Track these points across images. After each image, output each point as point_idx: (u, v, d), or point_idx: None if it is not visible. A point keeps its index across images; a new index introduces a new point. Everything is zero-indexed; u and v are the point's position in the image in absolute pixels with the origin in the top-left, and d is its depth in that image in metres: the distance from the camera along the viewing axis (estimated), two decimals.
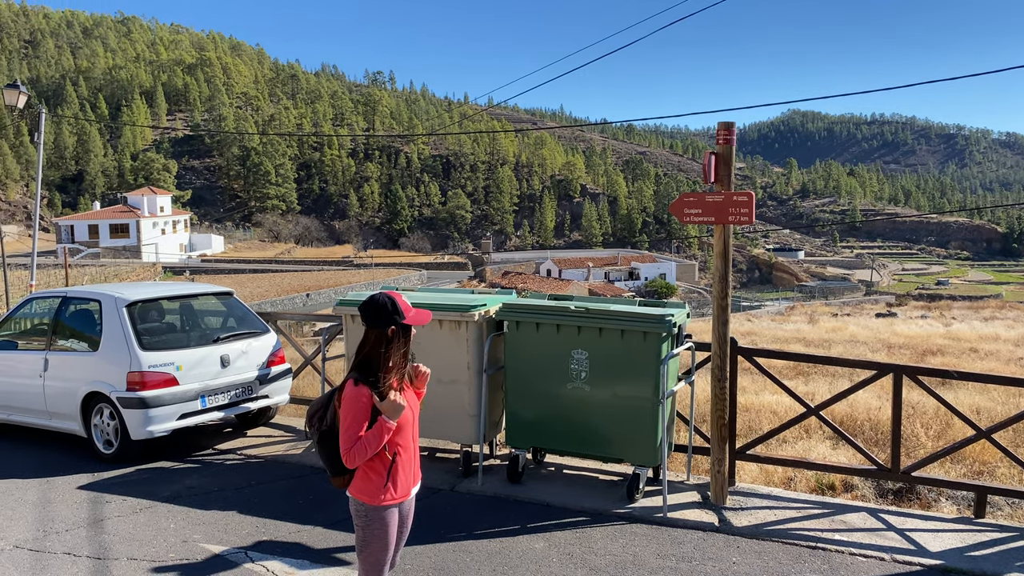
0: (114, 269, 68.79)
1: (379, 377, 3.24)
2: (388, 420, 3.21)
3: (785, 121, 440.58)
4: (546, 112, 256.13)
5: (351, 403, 3.20)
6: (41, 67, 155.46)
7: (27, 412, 8.15)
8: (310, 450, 7.65)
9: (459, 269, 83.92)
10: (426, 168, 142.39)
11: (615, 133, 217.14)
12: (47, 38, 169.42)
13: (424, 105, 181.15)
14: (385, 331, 3.26)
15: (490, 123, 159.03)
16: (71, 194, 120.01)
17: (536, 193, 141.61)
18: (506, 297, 6.94)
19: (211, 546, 5.25)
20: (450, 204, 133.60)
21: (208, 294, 8.71)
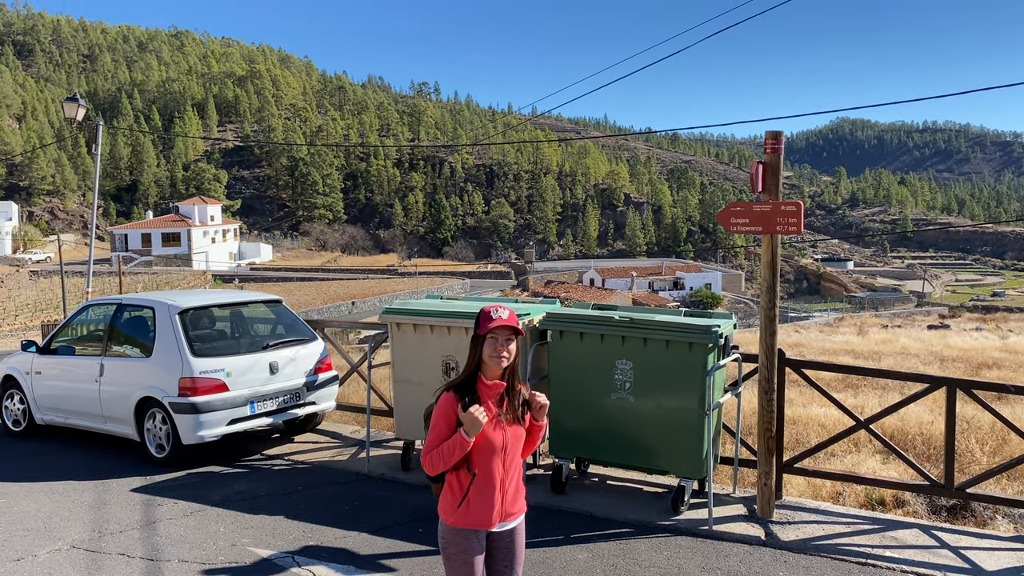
0: (166, 277, 70.44)
1: (460, 382, 3.23)
2: (464, 434, 3.13)
3: (834, 129, 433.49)
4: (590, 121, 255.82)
5: (439, 408, 3.21)
6: (98, 80, 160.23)
7: (83, 416, 8.38)
8: (355, 456, 7.74)
9: (502, 278, 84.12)
10: (470, 178, 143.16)
11: (660, 142, 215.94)
12: (104, 52, 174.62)
13: (468, 115, 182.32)
14: (474, 340, 3.26)
15: (533, 133, 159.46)
16: (125, 204, 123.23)
17: (579, 202, 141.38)
18: (550, 306, 6.94)
19: (259, 550, 5.34)
20: (493, 213, 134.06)
21: (258, 302, 8.88)
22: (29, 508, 6.34)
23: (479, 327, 3.21)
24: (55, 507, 6.36)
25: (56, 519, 6.06)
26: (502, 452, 3.25)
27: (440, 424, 3.18)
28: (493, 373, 3.23)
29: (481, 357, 3.22)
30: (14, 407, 9.13)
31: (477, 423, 3.09)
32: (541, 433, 3.39)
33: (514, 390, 3.29)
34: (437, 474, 3.24)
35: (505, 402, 3.27)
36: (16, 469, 7.59)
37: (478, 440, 3.18)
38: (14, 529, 5.85)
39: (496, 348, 3.19)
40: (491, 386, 3.23)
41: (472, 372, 3.25)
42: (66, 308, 38.87)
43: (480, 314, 3.23)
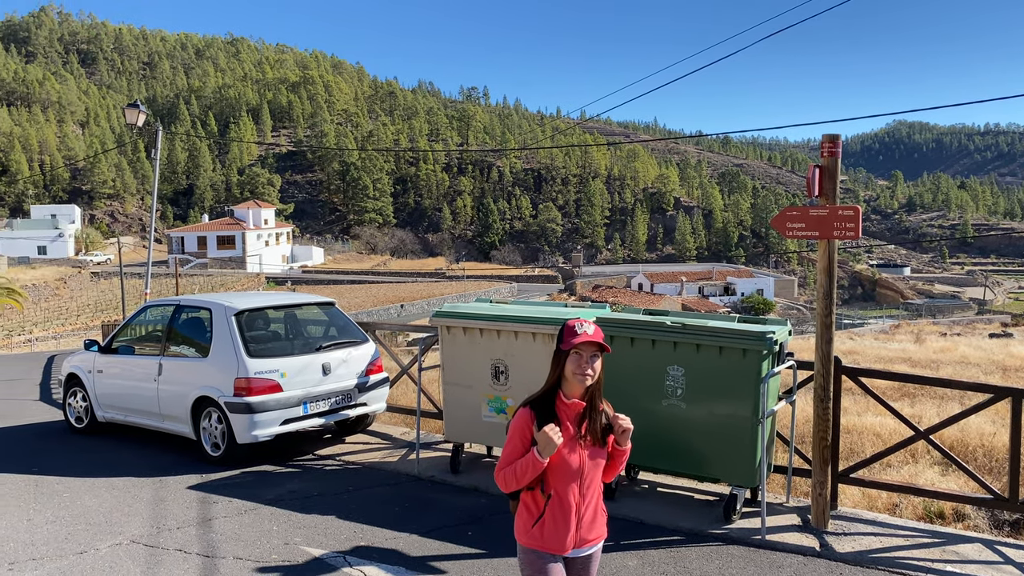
0: (220, 279, 72.00)
1: (538, 398, 3.08)
2: (537, 454, 2.95)
3: (890, 132, 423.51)
4: (639, 125, 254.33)
5: (514, 423, 3.07)
6: (157, 87, 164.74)
7: (142, 414, 8.61)
8: (405, 458, 7.80)
9: (549, 282, 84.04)
10: (518, 182, 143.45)
11: (710, 145, 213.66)
12: (163, 60, 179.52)
13: (517, 120, 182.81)
14: (556, 355, 3.08)
15: (582, 136, 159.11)
16: (182, 207, 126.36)
17: (628, 206, 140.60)
18: (600, 311, 6.91)
19: (311, 549, 5.41)
20: (541, 217, 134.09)
21: (311, 304, 9.02)
22: (91, 503, 6.53)
23: (562, 341, 3.03)
24: (115, 502, 6.54)
25: (117, 514, 6.23)
26: (579, 476, 3.06)
27: (515, 440, 3.05)
28: (574, 391, 3.05)
29: (563, 373, 3.05)
30: (77, 404, 9.42)
31: (551, 444, 2.92)
32: (624, 458, 3.19)
33: (596, 411, 3.10)
34: (511, 492, 3.11)
35: (585, 423, 3.08)
36: (79, 464, 7.82)
37: (553, 461, 3.01)
38: (77, 523, 6.03)
39: (580, 365, 3.01)
40: (571, 405, 3.06)
41: (551, 388, 3.08)
42: (125, 308, 39.98)
43: (563, 328, 3.06)
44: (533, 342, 6.56)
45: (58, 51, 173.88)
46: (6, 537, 5.72)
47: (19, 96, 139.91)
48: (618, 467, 3.21)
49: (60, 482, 7.17)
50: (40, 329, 48.85)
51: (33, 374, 16.73)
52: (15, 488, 7.01)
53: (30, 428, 9.99)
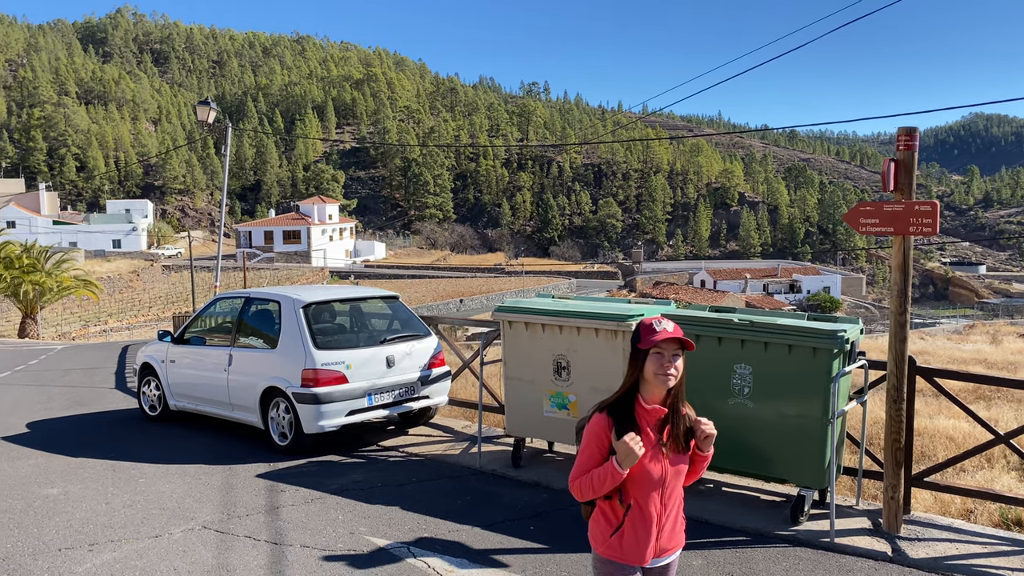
0: (286, 272, 73.60)
1: (615, 402, 2.87)
2: (616, 464, 2.75)
3: (966, 125, 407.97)
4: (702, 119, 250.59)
5: (589, 429, 2.86)
6: (226, 85, 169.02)
7: (212, 403, 8.85)
8: (467, 451, 7.85)
9: (608, 278, 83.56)
10: (578, 177, 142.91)
11: (776, 139, 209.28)
12: (232, 58, 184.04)
13: (577, 114, 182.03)
14: (634, 355, 2.86)
15: (644, 131, 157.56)
16: (249, 202, 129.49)
17: (691, 201, 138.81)
18: (664, 307, 6.83)
19: (376, 539, 5.49)
20: (601, 213, 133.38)
21: (376, 298, 9.14)
22: (165, 488, 6.74)
23: (639, 340, 2.81)
24: (187, 488, 6.74)
25: (189, 500, 6.42)
26: (660, 486, 2.87)
27: (591, 447, 2.84)
28: (655, 395, 2.84)
29: (642, 375, 2.82)
30: (151, 393, 9.74)
31: (632, 455, 2.71)
32: (705, 464, 2.99)
33: (678, 415, 2.88)
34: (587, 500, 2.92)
35: (667, 429, 2.87)
36: (153, 451, 8.09)
37: (633, 471, 2.80)
38: (151, 508, 6.23)
39: (662, 365, 2.78)
40: (651, 411, 2.84)
41: (629, 391, 2.86)
42: (195, 301, 41.23)
43: (640, 326, 2.84)
44: (596, 338, 6.53)
45: (133, 51, 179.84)
46: (86, 519, 5.95)
47: (96, 95, 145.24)
48: (699, 473, 3.03)
49: (135, 468, 7.43)
50: (115, 319, 50.70)
51: (109, 363, 17.35)
52: (94, 472, 7.28)
53: (107, 415, 10.38)
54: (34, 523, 5.87)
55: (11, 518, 5.99)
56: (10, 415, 10.43)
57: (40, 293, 35.76)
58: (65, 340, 38.70)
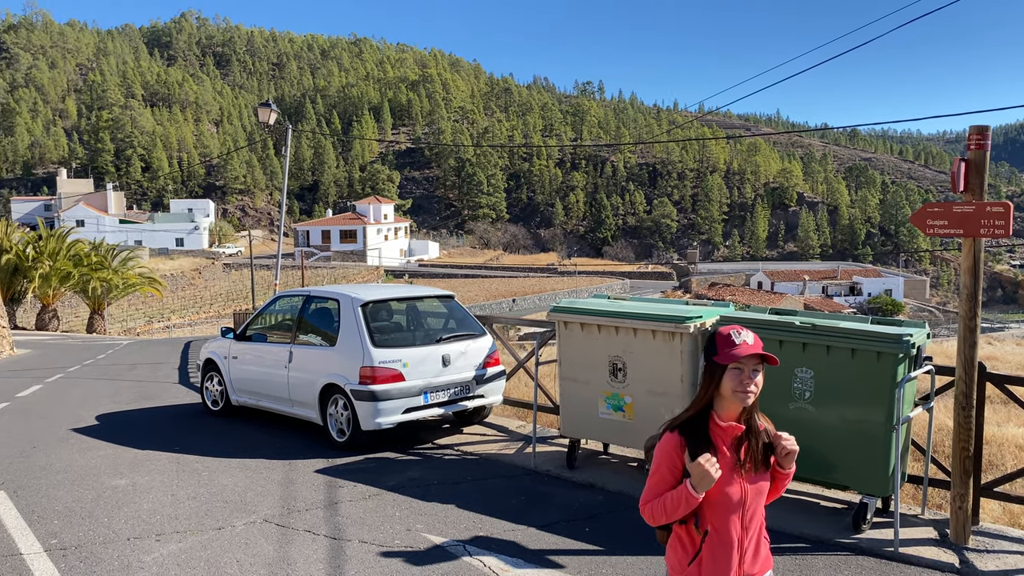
0: (342, 271, 74.73)
1: (688, 420, 2.66)
2: (691, 488, 2.55)
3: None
4: (760, 117, 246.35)
5: (661, 449, 2.66)
6: (285, 87, 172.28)
7: (273, 399, 9.04)
8: (522, 451, 7.87)
9: (663, 279, 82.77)
10: (632, 176, 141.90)
11: (836, 138, 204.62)
12: (291, 60, 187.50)
13: (632, 114, 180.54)
14: (708, 369, 2.65)
15: (700, 130, 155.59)
16: (307, 202, 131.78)
17: (748, 201, 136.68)
18: (722, 309, 6.75)
19: (432, 536, 5.54)
20: (656, 213, 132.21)
21: (432, 297, 9.23)
22: (227, 482, 6.91)
23: (716, 352, 2.60)
24: (249, 482, 6.89)
25: (250, 494, 6.57)
26: (740, 508, 2.65)
27: (662, 469, 2.63)
28: (731, 412, 2.63)
29: (718, 391, 2.62)
30: (213, 388, 9.99)
31: (708, 478, 2.51)
32: (786, 482, 2.76)
33: (756, 432, 2.68)
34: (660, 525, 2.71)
35: (745, 448, 2.66)
36: (215, 445, 8.30)
37: (710, 494, 2.59)
38: (215, 500, 6.39)
39: (741, 381, 2.57)
40: (727, 428, 2.64)
41: (704, 408, 2.66)
42: (254, 298, 42.13)
43: (716, 337, 2.64)
44: (653, 340, 6.48)
45: (196, 54, 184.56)
46: (153, 510, 6.14)
47: (161, 97, 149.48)
48: (780, 491, 2.80)
49: (199, 461, 7.63)
50: (177, 316, 52.12)
51: (172, 358, 17.85)
52: (160, 465, 7.51)
53: (171, 409, 10.68)
54: (104, 513, 6.08)
55: (83, 507, 6.21)
56: (80, 407, 10.81)
57: (107, 290, 36.97)
58: (130, 336, 39.93)
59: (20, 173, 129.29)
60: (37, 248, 34.35)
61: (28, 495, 6.54)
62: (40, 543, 5.42)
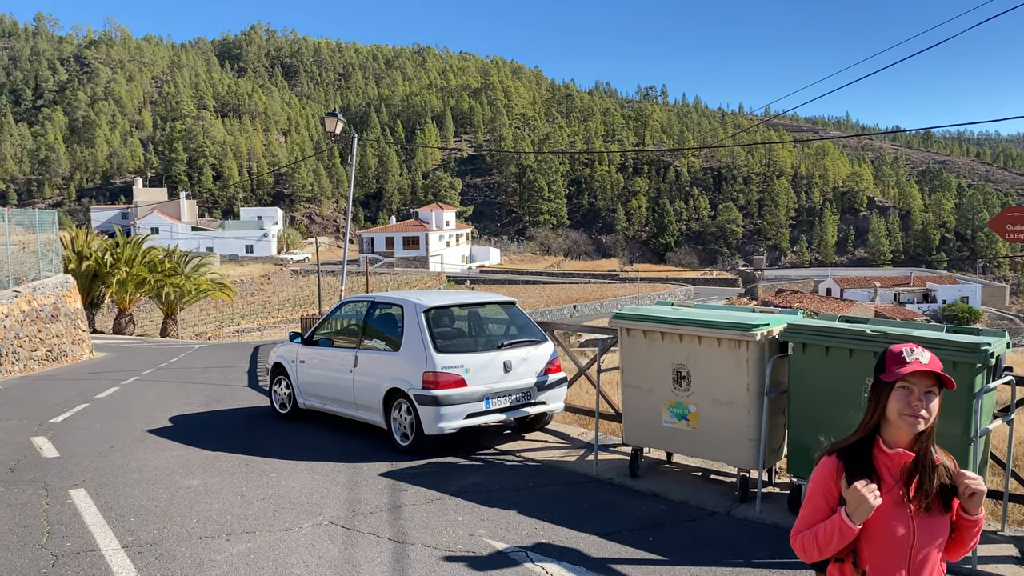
0: (405, 277, 75.68)
1: (849, 445, 2.41)
2: (846, 517, 2.28)
3: None
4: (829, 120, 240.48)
5: (816, 476, 2.41)
6: (351, 96, 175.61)
7: (338, 403, 9.20)
8: (583, 459, 7.83)
9: (728, 286, 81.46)
10: (696, 181, 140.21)
11: (909, 141, 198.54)
12: (356, 71, 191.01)
13: (696, 118, 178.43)
14: (875, 389, 2.39)
15: (766, 134, 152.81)
16: (372, 209, 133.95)
17: (816, 206, 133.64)
18: (791, 317, 6.61)
19: (494, 542, 5.55)
20: (720, 218, 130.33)
21: (493, 303, 9.27)
22: (294, 484, 7.06)
23: (884, 370, 2.35)
24: (315, 484, 7.02)
25: (316, 496, 6.69)
26: (905, 551, 2.32)
27: (816, 497, 2.38)
28: (899, 438, 2.35)
29: (884, 414, 2.35)
30: (281, 391, 10.21)
31: (865, 505, 2.24)
32: (975, 531, 2.38)
33: (929, 465, 2.36)
34: (815, 563, 2.44)
35: (915, 480, 2.35)
36: (283, 448, 8.48)
37: (870, 527, 2.31)
38: (282, 502, 6.53)
39: (910, 404, 2.31)
40: (893, 456, 2.34)
41: (868, 432, 2.39)
42: (321, 303, 42.95)
43: (886, 354, 2.38)
44: (718, 347, 6.38)
45: (265, 65, 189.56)
46: (224, 510, 6.30)
47: (232, 108, 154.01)
48: (967, 542, 2.41)
49: (267, 463, 7.80)
50: (247, 321, 53.49)
51: (242, 362, 18.31)
52: (230, 466, 7.71)
53: (241, 412, 10.96)
54: (178, 512, 6.27)
55: (158, 506, 6.42)
56: (155, 409, 11.18)
57: (180, 295, 38.21)
58: (201, 339, 41.14)
59: (99, 182, 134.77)
60: (115, 255, 35.70)
61: (106, 493, 6.79)
62: (118, 540, 5.61)
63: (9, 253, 18.85)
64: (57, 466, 7.80)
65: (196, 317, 51.02)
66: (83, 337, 21.44)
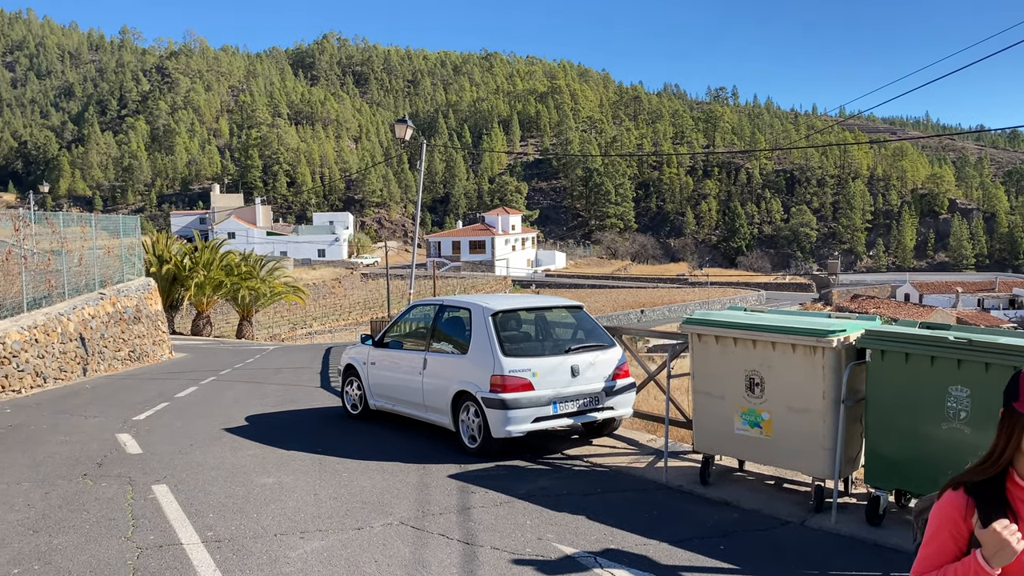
0: (471, 281, 76.22)
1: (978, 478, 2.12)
2: (984, 561, 2.00)
3: None
4: (907, 120, 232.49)
5: (940, 511, 2.13)
6: (419, 102, 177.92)
7: (408, 404, 9.32)
8: (652, 465, 7.75)
9: (801, 290, 79.53)
10: (768, 184, 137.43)
11: (994, 140, 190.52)
12: (425, 77, 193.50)
13: (768, 119, 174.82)
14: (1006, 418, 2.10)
15: (841, 135, 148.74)
16: (439, 214, 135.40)
17: (893, 209, 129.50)
18: (868, 323, 6.42)
19: (563, 547, 5.54)
20: (793, 221, 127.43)
21: (561, 307, 9.27)
22: (365, 483, 7.18)
23: (1016, 397, 2.06)
24: (386, 485, 7.13)
25: (387, 496, 6.79)
26: None
27: (941, 536, 2.10)
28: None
29: (1019, 445, 2.06)
30: (353, 392, 10.41)
31: (1007, 550, 1.98)
32: None
33: None
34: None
35: None
36: (354, 447, 8.63)
37: (1009, 571, 2.04)
38: (354, 501, 6.65)
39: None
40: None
41: (997, 463, 2.10)
42: (390, 306, 43.63)
43: (1020, 378, 2.09)
44: (792, 354, 6.24)
45: (337, 74, 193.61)
46: (298, 509, 6.45)
47: (305, 115, 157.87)
48: None
49: (339, 463, 7.96)
50: (318, 323, 54.66)
51: (314, 363, 18.73)
52: (304, 465, 7.89)
53: (314, 412, 11.21)
54: (254, 508, 6.45)
55: (235, 503, 6.61)
56: (231, 408, 11.53)
57: (255, 298, 39.29)
58: (275, 341, 42.24)
59: (179, 189, 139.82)
60: (193, 259, 36.95)
61: (187, 489, 7.03)
62: (198, 534, 5.80)
63: (95, 257, 19.70)
64: (140, 462, 8.11)
65: (270, 319, 52.38)
66: (163, 338, 22.25)
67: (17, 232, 15.92)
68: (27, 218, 16.88)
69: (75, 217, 21.50)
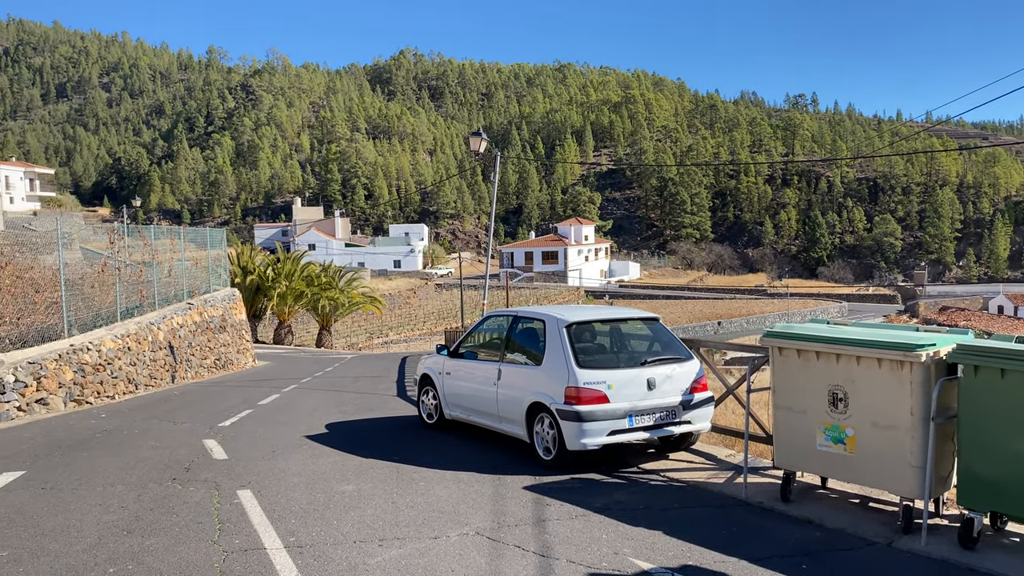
0: (544, 292, 76.26)
1: None
2: None
3: None
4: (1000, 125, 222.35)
5: None
6: (493, 115, 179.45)
7: (482, 415, 9.37)
8: (731, 481, 7.59)
9: (886, 302, 76.86)
10: (850, 192, 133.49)
11: None
12: (498, 90, 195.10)
13: (850, 126, 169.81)
14: None
15: (928, 141, 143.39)
16: (512, 224, 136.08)
17: (985, 217, 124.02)
18: (960, 336, 6.16)
19: (640, 562, 5.48)
20: (877, 231, 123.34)
21: (636, 319, 9.18)
22: (442, 493, 7.24)
23: None
24: (461, 495, 7.18)
25: (463, 506, 6.84)
26: None
27: None
28: None
29: None
30: (429, 402, 10.53)
31: None
32: None
33: None
34: None
35: None
36: (431, 457, 8.73)
37: None
38: (430, 511, 6.72)
39: None
40: None
41: None
42: (463, 317, 43.97)
43: None
44: (878, 368, 6.04)
45: (412, 88, 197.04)
46: (376, 516, 6.56)
47: (382, 130, 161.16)
48: None
49: (416, 472, 8.05)
50: (394, 333, 55.50)
51: (390, 372, 19.02)
52: (382, 473, 8.01)
53: (391, 421, 11.38)
54: (334, 515, 6.58)
55: (316, 509, 6.76)
56: (311, 416, 11.80)
57: (334, 308, 40.19)
58: (353, 350, 43.08)
59: (262, 202, 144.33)
60: (275, 270, 38.06)
61: (270, 495, 7.22)
62: (280, 540, 5.95)
63: (184, 268, 20.50)
64: (226, 467, 8.37)
65: (348, 328, 53.44)
66: (247, 347, 22.96)
67: (112, 245, 16.72)
68: (121, 231, 17.72)
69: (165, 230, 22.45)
